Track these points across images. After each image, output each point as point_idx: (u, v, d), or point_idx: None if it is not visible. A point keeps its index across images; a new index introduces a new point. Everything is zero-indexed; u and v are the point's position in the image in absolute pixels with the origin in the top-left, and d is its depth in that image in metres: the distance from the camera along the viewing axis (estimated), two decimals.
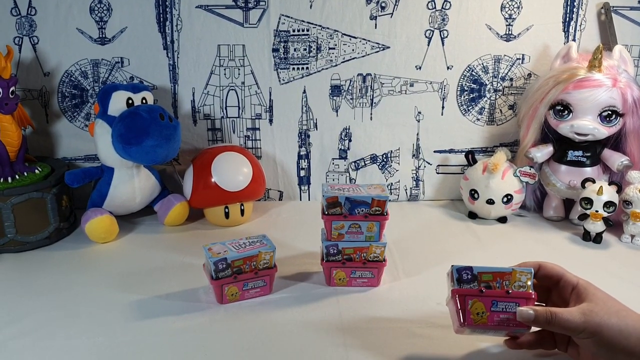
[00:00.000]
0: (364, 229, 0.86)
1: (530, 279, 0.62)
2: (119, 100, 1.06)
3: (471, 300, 0.60)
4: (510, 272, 0.62)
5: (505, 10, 1.18)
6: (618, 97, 1.05)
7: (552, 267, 0.67)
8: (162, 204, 1.15)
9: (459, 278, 0.61)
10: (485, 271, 0.62)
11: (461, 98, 1.23)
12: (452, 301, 0.63)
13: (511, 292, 0.61)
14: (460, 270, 0.62)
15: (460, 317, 0.61)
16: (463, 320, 0.60)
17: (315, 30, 1.18)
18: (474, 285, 0.61)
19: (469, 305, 0.60)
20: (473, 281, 0.61)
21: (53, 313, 0.83)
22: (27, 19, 1.14)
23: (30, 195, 1.02)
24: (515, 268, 0.63)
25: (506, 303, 0.61)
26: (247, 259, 0.83)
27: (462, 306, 0.60)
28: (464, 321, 0.60)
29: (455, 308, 0.62)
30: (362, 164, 1.27)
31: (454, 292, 0.62)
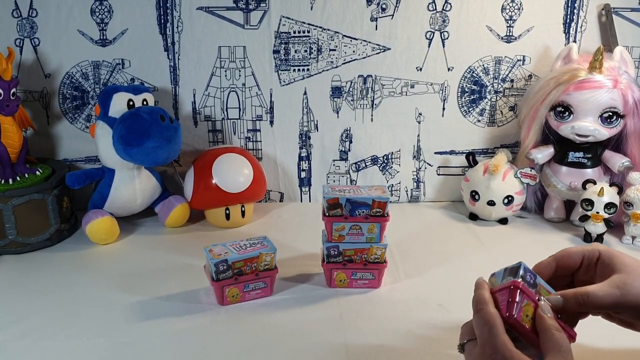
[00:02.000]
0: (365, 231, 0.86)
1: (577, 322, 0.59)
2: (119, 102, 1.06)
3: (527, 300, 0.55)
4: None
5: (505, 12, 1.18)
6: (619, 99, 1.05)
7: (568, 257, 0.62)
8: (163, 205, 1.15)
9: (524, 276, 0.56)
10: (545, 287, 0.58)
11: (462, 99, 1.23)
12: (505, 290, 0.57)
13: (561, 318, 0.56)
14: (526, 271, 0.58)
15: (508, 306, 0.54)
16: (511, 312, 0.54)
17: (316, 31, 1.18)
18: (535, 291, 0.57)
19: (523, 303, 0.55)
20: (533, 287, 0.57)
21: (54, 314, 0.83)
22: (28, 21, 1.14)
23: (31, 196, 1.02)
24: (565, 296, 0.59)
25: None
26: (248, 260, 0.83)
27: (514, 299, 0.54)
28: (513, 313, 0.54)
29: (506, 297, 0.56)
30: (363, 165, 1.27)
31: (515, 283, 0.55)
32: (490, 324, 0.52)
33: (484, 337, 0.52)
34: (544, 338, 0.52)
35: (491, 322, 0.52)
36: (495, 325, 0.52)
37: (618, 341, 0.74)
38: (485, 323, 0.52)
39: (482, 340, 0.52)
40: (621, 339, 0.73)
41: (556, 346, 0.51)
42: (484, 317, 0.53)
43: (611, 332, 0.64)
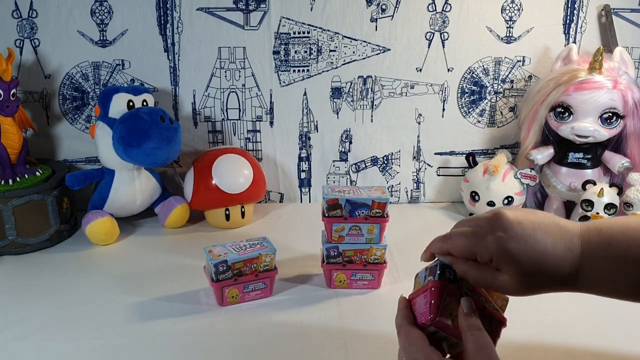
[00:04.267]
0: (365, 231, 0.86)
1: (506, 305, 0.58)
2: (119, 103, 1.06)
3: (449, 298, 0.54)
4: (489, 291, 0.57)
5: (505, 13, 1.18)
6: (619, 99, 1.05)
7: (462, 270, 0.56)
8: (163, 206, 1.15)
9: (442, 273, 0.55)
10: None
11: (462, 100, 1.23)
12: (426, 293, 0.55)
13: (487, 309, 0.55)
14: (444, 267, 0.56)
15: (431, 309, 0.53)
16: (435, 314, 0.53)
17: (315, 32, 1.18)
18: (455, 286, 0.55)
19: (445, 302, 0.53)
20: (455, 282, 0.55)
21: (54, 314, 0.83)
22: (28, 22, 1.14)
23: (31, 197, 1.02)
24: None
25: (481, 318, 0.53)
26: (248, 261, 0.83)
27: (437, 300, 0.53)
28: (436, 315, 0.52)
29: (428, 300, 0.54)
30: (363, 166, 1.27)
31: (433, 284, 0.54)
32: (411, 341, 0.53)
33: (411, 357, 0.52)
34: (464, 339, 0.51)
35: (411, 340, 0.53)
36: (416, 342, 0.52)
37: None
38: (407, 342, 0.53)
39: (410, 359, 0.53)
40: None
41: (473, 347, 0.50)
42: (403, 336, 0.54)
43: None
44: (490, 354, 0.49)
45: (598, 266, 0.50)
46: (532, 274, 0.51)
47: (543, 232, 0.51)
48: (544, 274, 0.51)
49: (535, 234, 0.51)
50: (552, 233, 0.51)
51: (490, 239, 0.52)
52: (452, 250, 0.55)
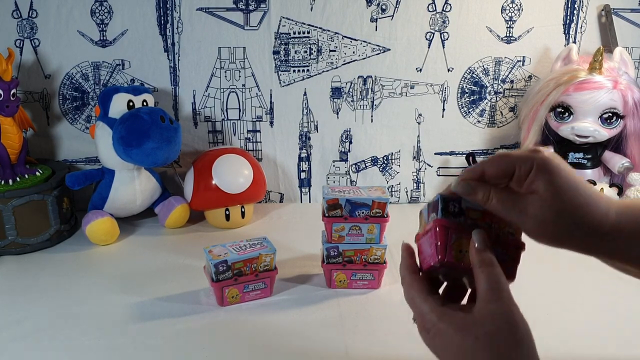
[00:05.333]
0: (365, 231, 0.86)
1: (521, 230, 0.51)
2: (119, 103, 1.06)
3: (455, 235, 0.50)
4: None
5: (505, 13, 1.18)
6: (619, 99, 1.05)
7: (496, 165, 0.50)
8: (163, 206, 1.15)
9: (444, 208, 0.51)
10: (474, 208, 0.51)
11: (462, 100, 1.23)
12: (430, 234, 0.51)
13: (500, 237, 0.51)
14: (447, 200, 0.51)
15: (438, 251, 0.50)
16: (443, 255, 0.49)
17: (315, 32, 1.18)
18: (461, 220, 0.51)
19: (452, 240, 0.50)
20: (460, 215, 0.51)
21: (54, 314, 0.83)
22: (28, 22, 1.14)
23: (31, 197, 1.02)
24: None
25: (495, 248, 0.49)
26: (248, 261, 0.83)
27: (442, 240, 0.50)
28: (443, 256, 0.49)
29: (433, 241, 0.50)
30: (363, 166, 1.27)
31: (437, 222, 0.50)
32: (410, 297, 0.50)
33: (415, 311, 0.50)
34: (475, 276, 0.47)
35: (412, 296, 0.50)
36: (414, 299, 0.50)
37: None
38: (408, 299, 0.51)
39: (415, 314, 0.50)
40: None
41: (484, 286, 0.46)
42: (406, 293, 0.51)
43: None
44: (501, 291, 0.46)
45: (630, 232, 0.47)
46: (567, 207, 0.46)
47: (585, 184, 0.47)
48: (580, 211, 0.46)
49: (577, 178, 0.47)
50: (593, 189, 0.48)
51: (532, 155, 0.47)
52: (487, 167, 0.50)
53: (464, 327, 0.45)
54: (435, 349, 0.48)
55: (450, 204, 0.51)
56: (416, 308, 0.50)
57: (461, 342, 0.45)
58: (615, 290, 0.87)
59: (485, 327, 0.45)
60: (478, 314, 0.45)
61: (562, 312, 0.83)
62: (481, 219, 0.51)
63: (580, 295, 0.88)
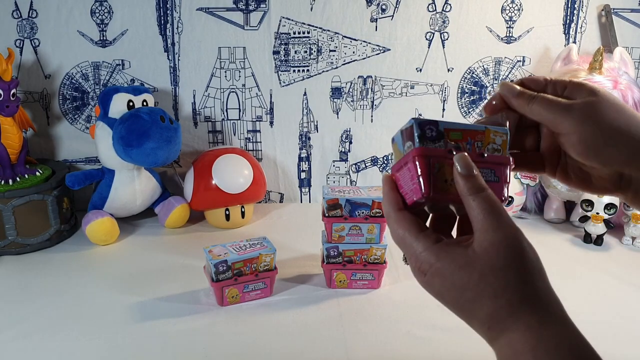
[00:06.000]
0: (365, 231, 0.86)
1: (507, 141, 0.48)
2: (119, 103, 1.06)
3: (438, 163, 0.44)
4: (483, 130, 0.47)
5: (505, 13, 1.18)
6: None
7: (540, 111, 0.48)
8: (163, 206, 1.15)
9: (421, 135, 0.45)
10: (453, 128, 0.46)
11: (462, 100, 1.23)
12: (409, 166, 0.46)
13: (486, 155, 0.46)
14: (422, 125, 0.45)
15: (421, 185, 0.44)
16: (427, 189, 0.44)
17: (315, 32, 1.18)
18: (441, 144, 0.45)
19: (435, 170, 0.44)
20: (439, 140, 0.45)
21: (54, 314, 0.83)
22: (28, 22, 1.14)
23: (31, 197, 1.02)
24: (488, 127, 0.47)
25: (481, 169, 0.45)
26: (248, 261, 0.83)
27: (425, 170, 0.44)
28: (429, 190, 0.44)
29: (414, 174, 0.45)
30: (363, 166, 1.27)
31: (414, 153, 0.45)
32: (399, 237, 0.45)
33: (406, 252, 0.45)
34: (466, 205, 0.43)
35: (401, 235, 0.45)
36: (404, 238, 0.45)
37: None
38: (397, 239, 0.45)
39: (407, 255, 0.45)
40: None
41: (479, 213, 0.42)
42: (393, 233, 0.46)
43: None
44: (498, 217, 0.41)
45: None
46: (609, 116, 0.45)
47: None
48: (622, 122, 0.45)
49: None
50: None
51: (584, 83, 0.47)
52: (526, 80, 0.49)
53: (467, 263, 0.41)
54: (434, 291, 0.43)
55: (427, 128, 0.45)
56: (408, 248, 0.44)
57: (466, 281, 0.41)
58: (616, 290, 0.87)
59: (490, 260, 0.40)
60: (479, 246, 0.41)
61: None
62: (462, 139, 0.46)
63: (581, 295, 0.88)
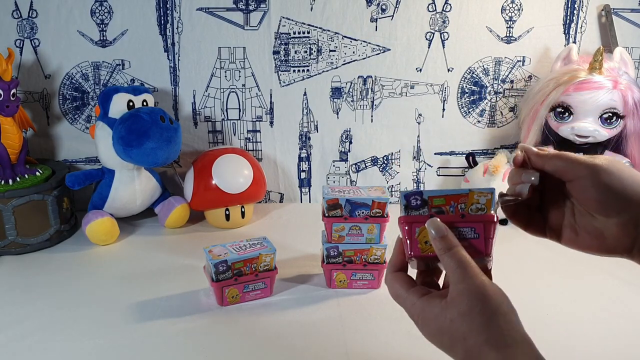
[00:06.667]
0: (365, 231, 0.86)
1: (492, 199, 0.53)
2: (119, 103, 1.06)
3: (418, 227, 0.52)
4: (467, 193, 0.53)
5: (505, 13, 1.18)
6: (619, 99, 1.05)
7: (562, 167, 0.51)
8: (163, 206, 1.15)
9: (407, 205, 0.52)
10: (436, 195, 0.53)
11: (462, 100, 1.23)
12: (401, 232, 0.54)
13: (466, 215, 0.52)
14: (408, 196, 0.52)
15: (407, 248, 0.53)
16: (410, 251, 0.52)
17: (315, 32, 1.18)
18: (424, 211, 0.53)
19: (416, 234, 0.52)
20: (423, 207, 0.53)
21: (54, 315, 0.83)
22: (28, 22, 1.14)
23: (31, 197, 1.02)
24: (473, 189, 0.53)
25: (460, 229, 0.52)
26: (248, 261, 0.83)
27: (408, 235, 0.52)
28: (411, 251, 0.52)
29: (402, 238, 0.53)
30: (363, 166, 1.27)
31: (400, 220, 0.53)
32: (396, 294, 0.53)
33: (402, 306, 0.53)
34: (442, 262, 0.50)
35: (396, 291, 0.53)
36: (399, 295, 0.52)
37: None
38: (394, 295, 0.53)
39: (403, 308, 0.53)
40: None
41: (449, 268, 0.48)
42: (390, 290, 0.54)
43: None
44: (464, 272, 0.47)
45: None
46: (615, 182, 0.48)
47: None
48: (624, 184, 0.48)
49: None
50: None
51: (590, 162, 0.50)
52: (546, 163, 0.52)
53: (441, 312, 0.48)
54: (426, 335, 0.50)
55: (412, 198, 0.53)
56: (402, 302, 0.52)
57: (443, 326, 0.47)
58: (616, 292, 0.87)
59: (458, 307, 0.46)
60: (450, 296, 0.48)
61: (563, 312, 0.83)
62: (445, 204, 0.53)
63: (581, 295, 0.88)
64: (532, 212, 0.56)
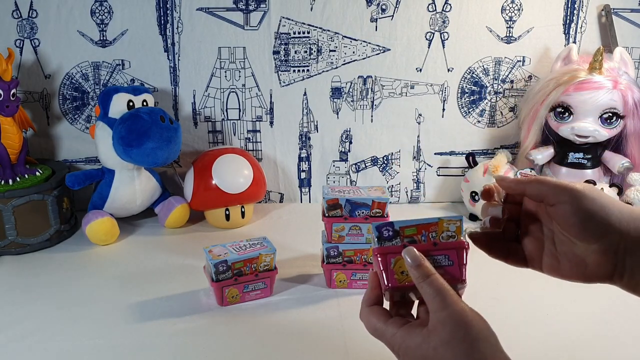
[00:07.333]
0: (365, 231, 0.86)
1: (461, 226, 0.55)
2: (119, 103, 1.06)
3: (393, 258, 0.53)
4: (437, 222, 0.55)
5: (505, 13, 1.18)
6: (619, 99, 1.05)
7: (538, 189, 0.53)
8: (163, 206, 1.15)
9: (379, 236, 0.54)
10: (407, 225, 0.54)
11: (462, 100, 1.23)
12: (374, 263, 0.55)
13: (438, 243, 0.54)
14: (380, 228, 0.54)
15: (383, 280, 0.53)
16: (387, 282, 0.53)
17: (315, 32, 1.18)
18: (397, 242, 0.54)
19: (392, 264, 0.53)
20: (395, 237, 0.54)
21: (53, 315, 0.83)
22: (28, 22, 1.14)
23: (31, 197, 1.02)
24: (442, 217, 0.55)
25: (434, 257, 0.53)
26: (248, 261, 0.83)
27: (384, 266, 0.53)
28: (388, 282, 0.53)
29: (377, 270, 0.54)
30: (363, 166, 1.27)
31: (374, 252, 0.54)
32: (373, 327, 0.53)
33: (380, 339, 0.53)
34: (420, 291, 0.50)
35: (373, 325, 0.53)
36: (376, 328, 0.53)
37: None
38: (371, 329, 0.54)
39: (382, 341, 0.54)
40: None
41: (427, 296, 0.49)
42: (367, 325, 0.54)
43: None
44: (444, 299, 0.48)
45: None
46: (594, 210, 0.49)
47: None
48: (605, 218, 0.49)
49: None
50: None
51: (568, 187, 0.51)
52: (527, 187, 0.54)
53: (423, 340, 0.48)
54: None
55: (384, 229, 0.54)
56: (381, 335, 0.53)
57: (425, 355, 0.48)
58: (617, 291, 0.87)
59: (439, 335, 0.47)
60: (431, 325, 0.48)
61: (563, 312, 0.83)
62: (417, 233, 0.54)
63: (581, 295, 0.88)
64: (510, 244, 0.57)
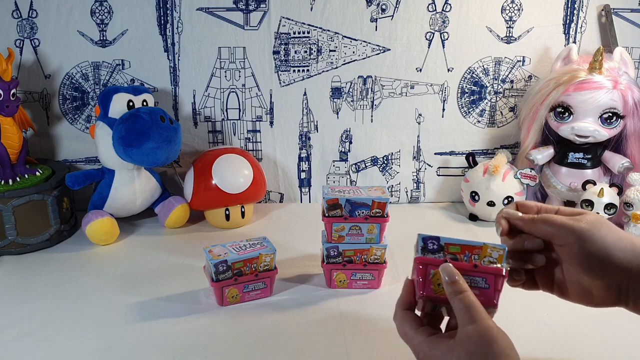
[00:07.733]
0: (365, 231, 0.86)
1: (503, 255, 0.57)
2: (119, 103, 1.06)
3: (433, 270, 0.56)
4: (481, 246, 0.57)
5: (505, 13, 1.18)
6: (619, 99, 1.05)
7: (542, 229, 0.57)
8: (163, 206, 1.15)
9: (424, 247, 0.57)
10: (452, 243, 0.57)
11: (462, 100, 1.23)
12: (414, 271, 0.58)
13: (479, 266, 0.56)
14: (426, 240, 0.57)
15: (419, 288, 0.56)
16: (422, 290, 0.56)
17: (315, 32, 1.18)
18: (440, 255, 0.57)
19: (431, 275, 0.56)
20: (439, 251, 0.57)
21: (54, 315, 0.83)
22: (28, 22, 1.14)
23: (31, 197, 1.02)
24: (487, 243, 0.57)
25: (472, 277, 0.56)
26: (248, 261, 0.83)
27: (422, 276, 0.56)
28: (423, 290, 0.56)
29: (416, 277, 0.57)
30: (363, 166, 1.27)
31: (416, 260, 0.57)
32: (404, 331, 0.56)
33: (408, 344, 0.55)
34: (451, 304, 0.53)
35: (404, 329, 0.56)
36: (406, 332, 0.55)
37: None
38: (402, 333, 0.56)
39: (409, 346, 0.56)
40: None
41: (458, 310, 0.52)
42: (399, 328, 0.57)
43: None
44: (473, 314, 0.51)
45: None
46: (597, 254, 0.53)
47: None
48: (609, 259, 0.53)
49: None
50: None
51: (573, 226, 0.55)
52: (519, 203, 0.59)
53: (448, 350, 0.51)
54: None
55: (429, 242, 0.57)
56: (409, 340, 0.55)
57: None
58: None
59: (464, 348, 0.49)
60: (458, 337, 0.51)
61: (563, 313, 0.83)
62: (460, 252, 0.57)
63: None
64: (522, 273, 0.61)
